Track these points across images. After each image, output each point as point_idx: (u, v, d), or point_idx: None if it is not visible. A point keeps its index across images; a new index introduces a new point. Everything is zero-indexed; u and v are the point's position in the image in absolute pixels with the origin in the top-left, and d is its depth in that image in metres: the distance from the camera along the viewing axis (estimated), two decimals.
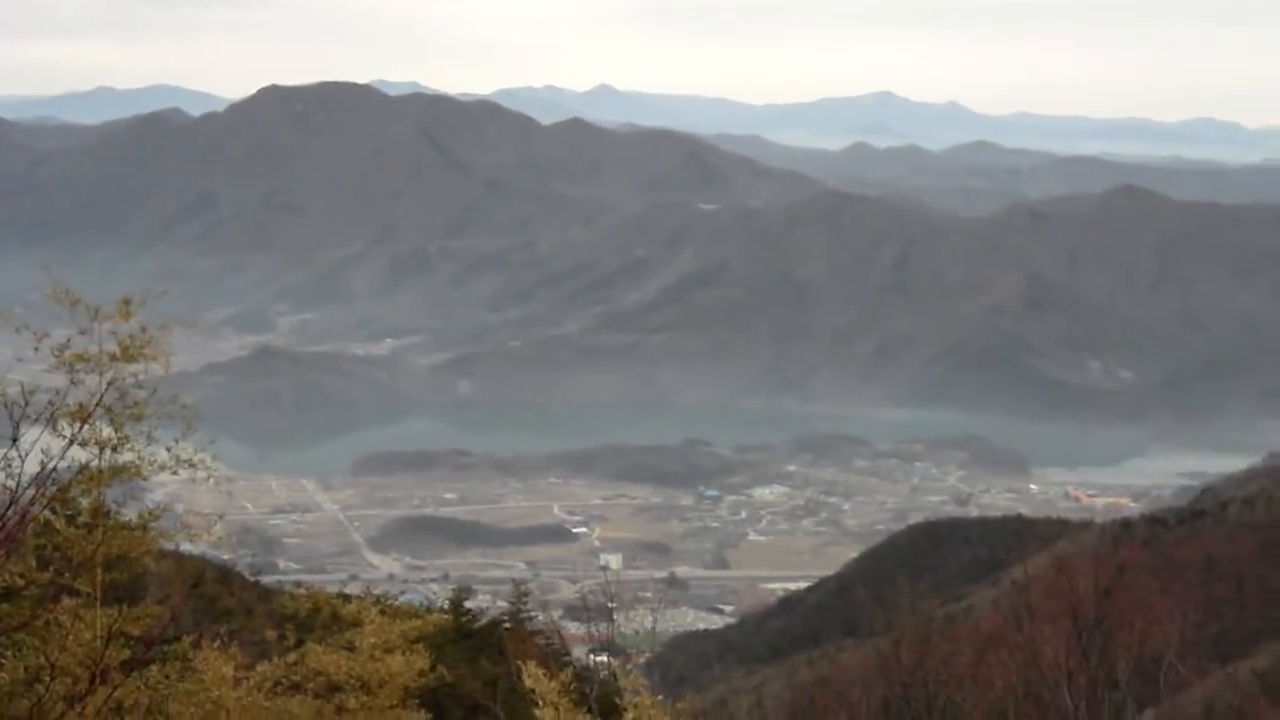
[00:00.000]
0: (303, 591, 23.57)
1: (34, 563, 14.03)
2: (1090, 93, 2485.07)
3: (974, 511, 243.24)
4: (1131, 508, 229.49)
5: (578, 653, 37.41)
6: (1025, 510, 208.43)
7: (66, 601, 14.22)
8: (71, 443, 14.26)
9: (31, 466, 13.87)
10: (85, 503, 14.83)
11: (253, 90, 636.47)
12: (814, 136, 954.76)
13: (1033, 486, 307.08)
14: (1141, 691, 29.57)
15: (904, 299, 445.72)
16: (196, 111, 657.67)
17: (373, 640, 19.40)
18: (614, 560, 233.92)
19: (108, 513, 14.93)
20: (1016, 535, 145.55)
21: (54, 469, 14.07)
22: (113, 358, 14.38)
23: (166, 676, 15.04)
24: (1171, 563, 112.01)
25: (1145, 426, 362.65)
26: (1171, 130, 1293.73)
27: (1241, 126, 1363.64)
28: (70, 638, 13.81)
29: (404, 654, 19.28)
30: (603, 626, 27.23)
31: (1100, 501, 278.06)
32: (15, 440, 13.82)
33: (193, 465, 14.98)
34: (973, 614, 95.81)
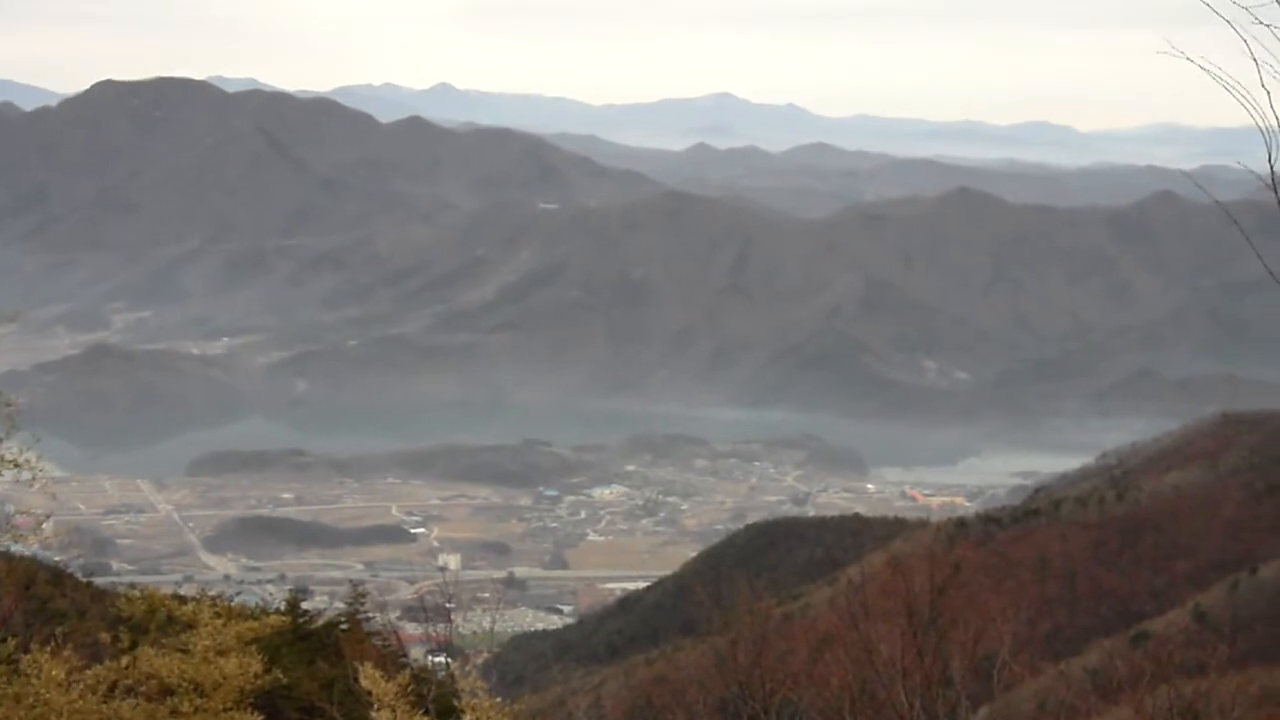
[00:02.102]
0: (136, 593, 23.23)
1: None
2: (927, 96, 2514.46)
3: (811, 511, 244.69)
4: (966, 507, 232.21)
5: (416, 654, 37.15)
6: (862, 510, 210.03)
7: None
8: None
9: None
10: None
11: (87, 85, 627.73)
12: (654, 137, 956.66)
13: (869, 486, 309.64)
14: (975, 689, 29.81)
15: (742, 300, 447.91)
16: (29, 106, 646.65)
17: (207, 642, 19.14)
18: (452, 560, 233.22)
19: None
20: (853, 534, 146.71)
21: None
22: None
23: None
24: (1005, 561, 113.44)
25: (979, 426, 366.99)
26: (1005, 133, 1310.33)
27: (1074, 130, 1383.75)
28: None
29: (238, 656, 19.04)
30: (441, 627, 27.00)
31: (936, 501, 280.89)
32: None
33: (17, 466, 14.68)
34: (810, 613, 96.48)
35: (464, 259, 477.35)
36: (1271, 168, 9.57)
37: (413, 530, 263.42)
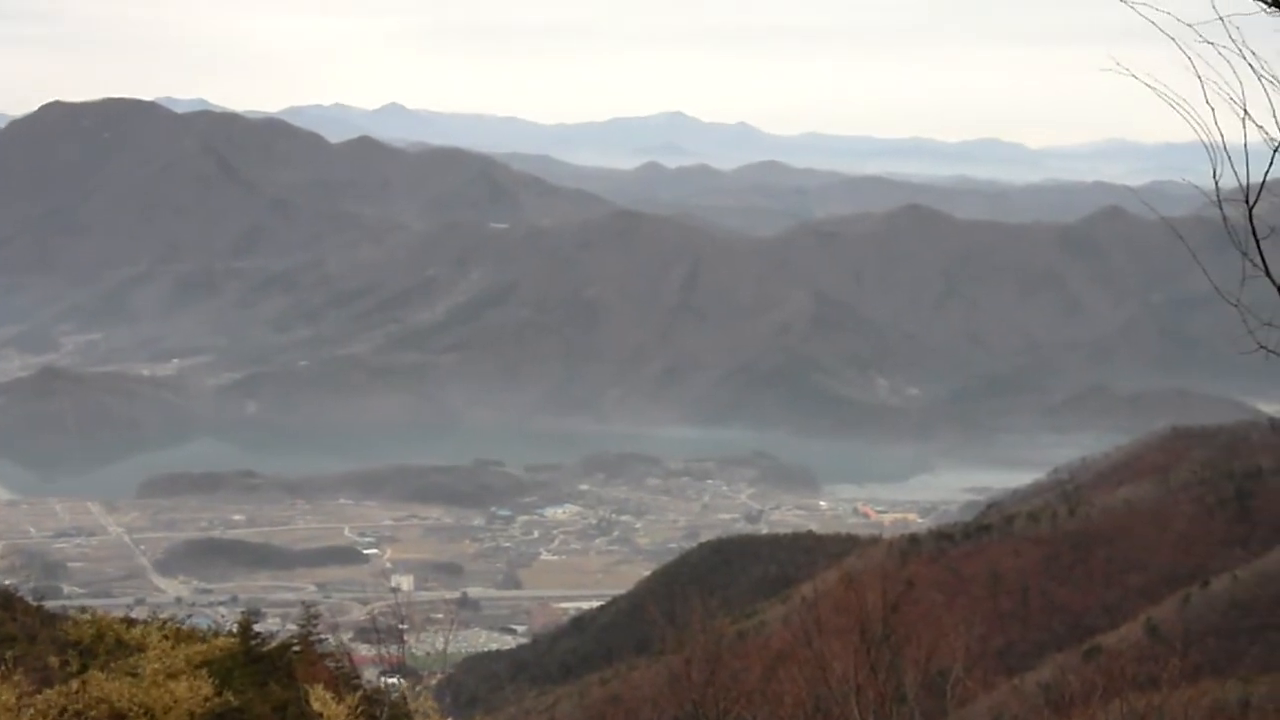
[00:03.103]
0: (86, 617, 23.08)
1: None
2: (876, 113, 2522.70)
3: (765, 529, 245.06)
4: (919, 523, 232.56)
5: (369, 675, 36.98)
6: (815, 527, 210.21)
7: None
8: None
9: None
10: None
11: (36, 106, 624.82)
12: (605, 156, 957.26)
13: (822, 503, 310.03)
14: (929, 705, 29.86)
15: (694, 318, 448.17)
16: None
17: (157, 666, 19.03)
18: (405, 581, 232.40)
19: None
20: (807, 552, 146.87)
21: None
22: None
23: None
24: (958, 577, 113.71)
25: (931, 443, 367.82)
26: (955, 150, 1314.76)
27: (1024, 147, 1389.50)
28: None
29: (189, 679, 18.93)
30: (394, 648, 26.93)
31: (889, 517, 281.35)
32: None
33: None
34: (764, 630, 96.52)
35: (415, 279, 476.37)
36: (1217, 184, 9.59)
37: (365, 551, 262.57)
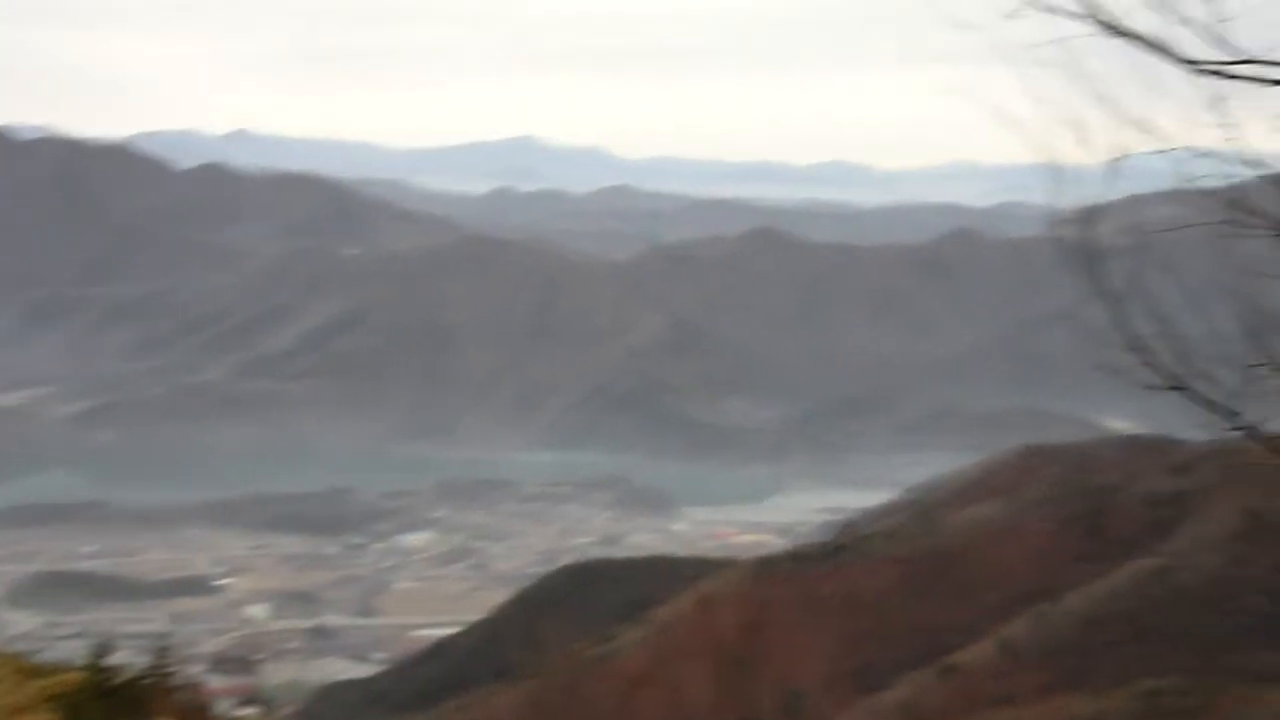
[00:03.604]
0: None
1: None
2: (727, 136, 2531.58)
3: (621, 552, 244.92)
4: (775, 544, 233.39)
5: (223, 706, 36.61)
6: (672, 550, 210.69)
7: None
8: None
9: None
10: None
11: None
12: (456, 181, 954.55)
13: (679, 526, 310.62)
14: None
15: (548, 343, 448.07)
16: None
17: (6, 701, 18.73)
18: (259, 611, 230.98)
19: None
20: (663, 575, 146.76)
21: None
22: None
23: None
24: (814, 598, 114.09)
25: (786, 464, 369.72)
26: (805, 173, 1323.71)
27: (873, 169, 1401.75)
28: None
29: (37, 714, 18.64)
30: (248, 679, 26.71)
31: (744, 539, 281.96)
32: None
33: None
34: (621, 654, 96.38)
35: (266, 306, 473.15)
36: (1055, 206, 9.72)
37: (218, 582, 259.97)
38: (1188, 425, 10.79)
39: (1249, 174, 9.93)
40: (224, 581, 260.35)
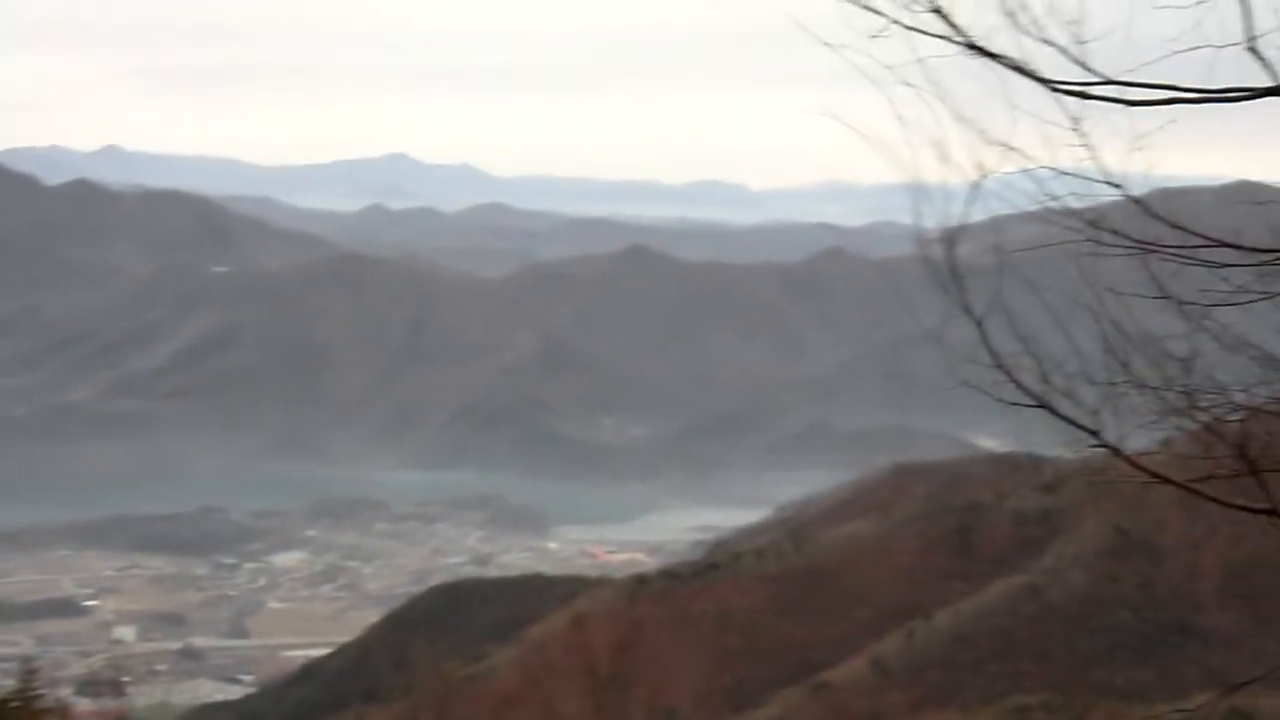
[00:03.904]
0: None
1: None
2: (601, 156, 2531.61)
3: (494, 571, 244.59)
4: (647, 563, 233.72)
5: None
6: (545, 569, 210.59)
7: None
8: None
9: None
10: None
11: None
12: (328, 198, 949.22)
13: (552, 545, 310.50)
14: None
15: (420, 361, 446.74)
16: None
17: None
18: (127, 633, 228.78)
19: None
20: (536, 594, 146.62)
21: None
22: None
23: None
24: (686, 616, 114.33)
25: (659, 482, 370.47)
26: (679, 192, 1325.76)
27: (746, 188, 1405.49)
28: None
29: None
30: (115, 701, 26.39)
31: (618, 558, 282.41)
32: None
33: None
34: (493, 674, 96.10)
35: (135, 324, 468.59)
36: (920, 225, 9.80)
37: (86, 603, 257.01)
38: (1054, 443, 10.91)
39: (1109, 194, 10.05)
40: (92, 603, 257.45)
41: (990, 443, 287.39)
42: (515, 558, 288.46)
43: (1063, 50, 9.51)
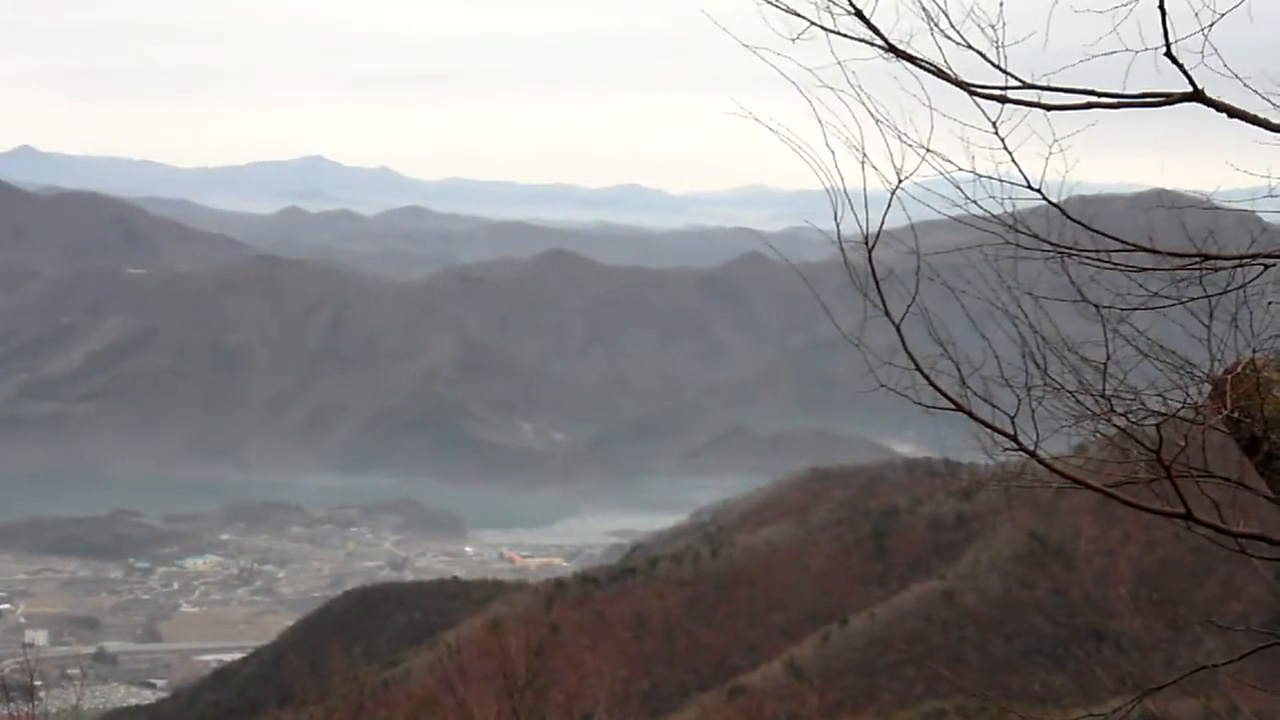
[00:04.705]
0: None
1: None
2: (519, 160, 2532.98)
3: (410, 576, 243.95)
4: (564, 567, 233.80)
5: None
6: (461, 573, 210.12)
7: None
8: None
9: None
10: None
11: None
12: (245, 200, 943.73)
13: (468, 549, 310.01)
14: None
15: (337, 364, 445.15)
16: None
17: None
18: (39, 637, 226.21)
19: None
20: (452, 598, 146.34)
21: None
22: None
23: None
24: (603, 620, 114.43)
25: (576, 487, 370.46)
26: (598, 196, 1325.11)
27: (665, 193, 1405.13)
28: None
29: None
30: (26, 706, 26.09)
31: (534, 562, 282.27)
32: None
33: None
34: (408, 679, 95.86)
35: (49, 327, 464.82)
36: (838, 227, 9.80)
37: None
38: (970, 448, 10.92)
39: (1027, 198, 10.08)
40: (4, 606, 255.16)
41: (906, 448, 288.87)
42: (432, 562, 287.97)
43: (981, 54, 9.53)
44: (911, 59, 9.61)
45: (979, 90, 9.61)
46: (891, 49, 9.60)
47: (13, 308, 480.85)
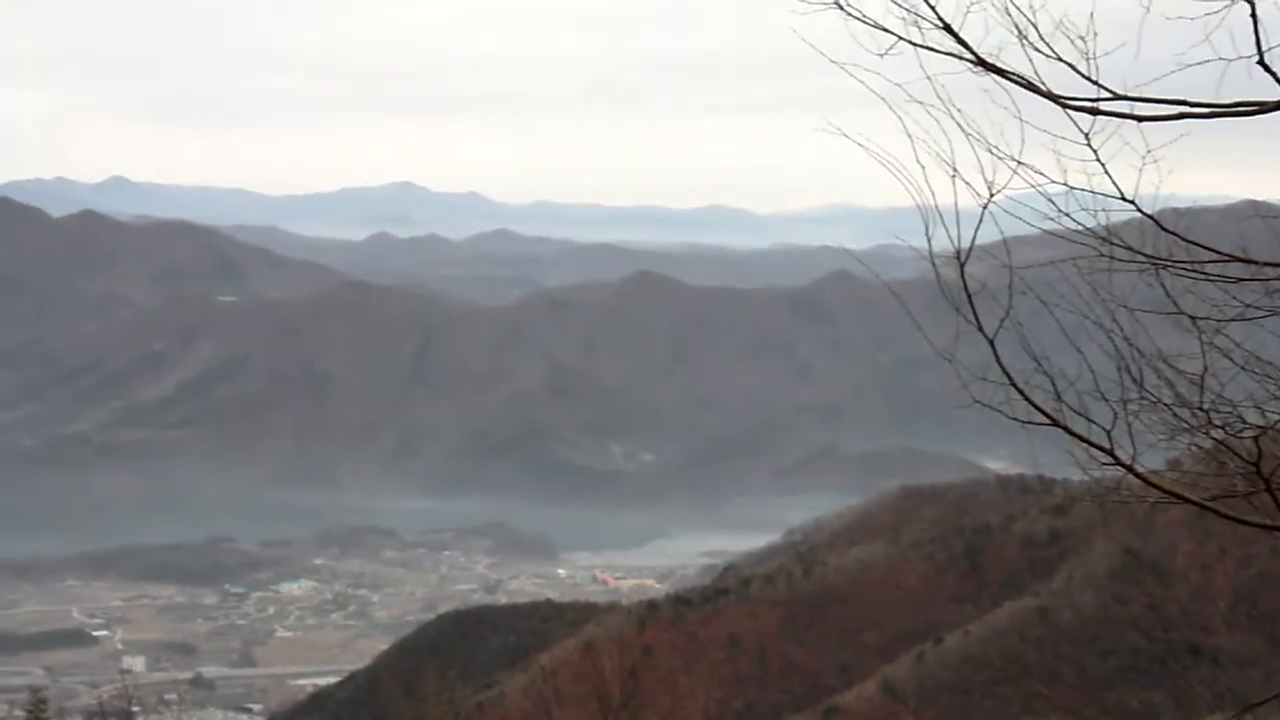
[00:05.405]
0: None
1: None
2: (605, 182, 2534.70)
3: (503, 598, 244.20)
4: (657, 589, 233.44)
5: None
6: (554, 595, 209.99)
7: None
8: None
9: None
10: None
11: None
12: (334, 227, 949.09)
13: (560, 571, 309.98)
14: None
15: (427, 389, 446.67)
16: None
17: None
18: (137, 663, 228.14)
19: None
20: (545, 620, 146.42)
21: None
22: None
23: None
24: (696, 641, 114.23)
25: (667, 508, 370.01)
26: (684, 217, 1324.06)
27: (752, 213, 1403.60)
28: None
29: None
30: None
31: (627, 584, 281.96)
32: None
33: None
34: (503, 701, 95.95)
35: (142, 354, 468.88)
36: (930, 242, 9.74)
37: (95, 633, 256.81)
38: (1064, 464, 10.82)
39: (1120, 210, 9.99)
40: (101, 633, 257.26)
41: (998, 465, 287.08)
42: (524, 584, 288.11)
43: (1072, 66, 9.46)
44: (1001, 72, 9.55)
45: (1070, 102, 9.54)
46: (981, 62, 9.54)
47: (105, 336, 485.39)
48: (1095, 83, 9.50)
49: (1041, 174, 9.66)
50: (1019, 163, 9.55)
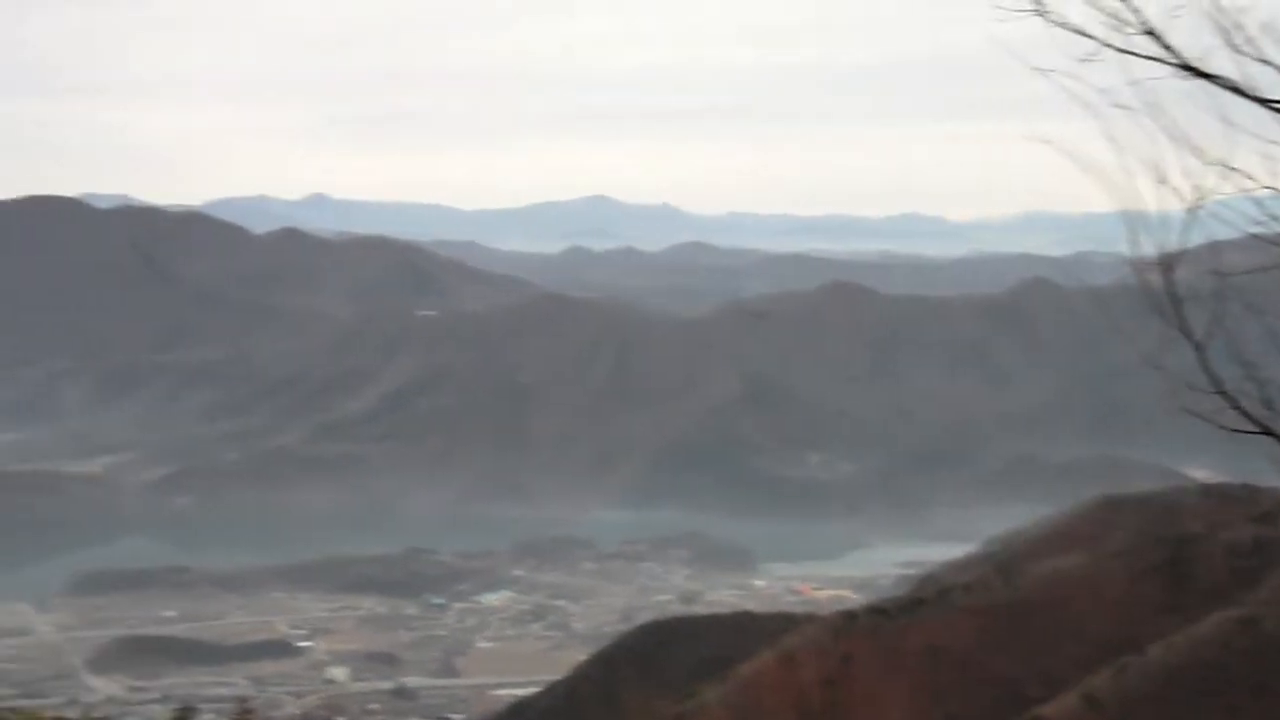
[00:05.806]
0: (17, 717, 22.78)
1: None
2: (798, 191, 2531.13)
3: (701, 609, 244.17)
4: (854, 599, 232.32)
5: None
6: (752, 606, 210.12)
7: None
8: None
9: None
10: None
11: None
12: (530, 241, 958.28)
13: (758, 582, 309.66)
14: None
15: (623, 400, 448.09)
16: None
17: None
18: (340, 673, 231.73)
19: None
20: (744, 631, 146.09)
21: None
22: None
23: None
24: (896, 651, 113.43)
25: (864, 518, 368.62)
26: (878, 226, 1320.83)
27: (946, 220, 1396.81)
28: None
29: None
30: None
31: (825, 594, 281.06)
32: None
33: None
34: (703, 711, 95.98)
35: (342, 369, 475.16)
36: (1135, 250, 9.62)
37: (299, 644, 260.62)
38: (1271, 472, 10.64)
39: None
40: (305, 644, 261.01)
41: (1201, 473, 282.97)
42: (722, 595, 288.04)
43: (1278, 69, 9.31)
44: (1207, 76, 9.41)
45: (1277, 106, 9.38)
46: (1186, 66, 9.41)
47: (306, 351, 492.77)
48: None
49: (1251, 178, 9.52)
50: (1227, 167, 9.41)
